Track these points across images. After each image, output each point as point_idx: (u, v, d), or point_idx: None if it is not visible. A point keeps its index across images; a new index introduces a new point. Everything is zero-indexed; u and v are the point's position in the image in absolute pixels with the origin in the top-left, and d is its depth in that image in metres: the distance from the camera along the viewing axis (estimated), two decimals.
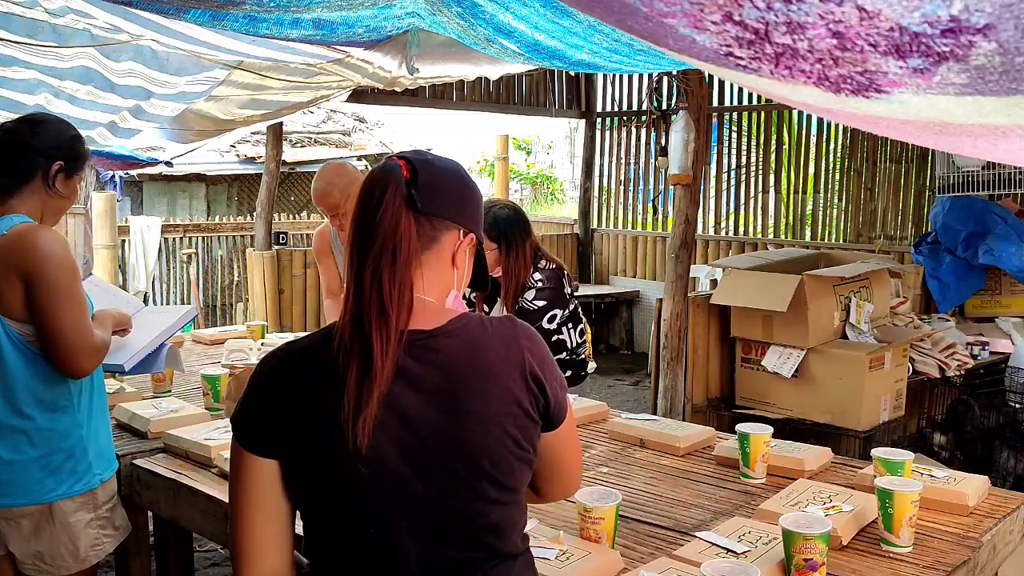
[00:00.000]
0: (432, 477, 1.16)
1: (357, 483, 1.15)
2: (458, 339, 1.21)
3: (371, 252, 1.16)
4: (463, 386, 1.17)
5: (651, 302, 7.13)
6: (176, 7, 2.53)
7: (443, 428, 1.16)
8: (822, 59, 0.88)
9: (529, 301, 3.12)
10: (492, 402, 1.18)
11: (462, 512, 1.18)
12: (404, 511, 1.16)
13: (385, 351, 1.13)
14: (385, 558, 1.18)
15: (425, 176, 1.21)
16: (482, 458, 1.17)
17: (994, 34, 0.73)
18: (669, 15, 0.93)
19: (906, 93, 0.90)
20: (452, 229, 1.25)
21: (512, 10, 2.50)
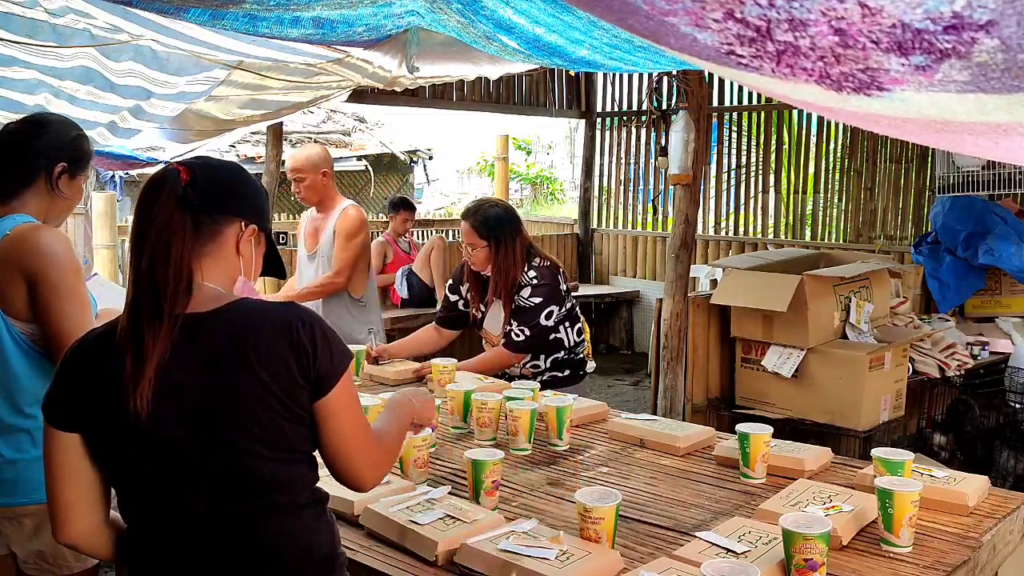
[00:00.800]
0: (208, 441, 1.31)
1: (143, 449, 1.32)
2: (230, 319, 1.35)
3: (146, 247, 1.32)
4: (232, 360, 1.31)
5: (651, 302, 7.13)
6: (176, 6, 2.52)
7: (214, 397, 1.31)
8: (824, 57, 0.88)
9: (525, 298, 3.11)
10: (260, 372, 1.31)
11: (238, 470, 1.33)
12: (186, 471, 1.32)
13: (157, 336, 1.30)
14: (176, 514, 1.35)
15: (202, 177, 1.37)
16: (251, 422, 1.31)
17: (996, 31, 0.73)
18: (670, 13, 0.93)
19: (908, 91, 0.89)
20: (233, 222, 1.41)
21: (512, 5, 2.50)
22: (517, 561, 1.53)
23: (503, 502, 1.93)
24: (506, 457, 2.11)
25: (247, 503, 1.35)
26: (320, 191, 3.77)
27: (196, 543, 1.35)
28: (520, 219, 3.23)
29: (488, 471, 1.88)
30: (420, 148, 13.64)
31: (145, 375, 1.28)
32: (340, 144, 12.59)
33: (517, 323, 3.10)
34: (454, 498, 1.85)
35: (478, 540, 1.62)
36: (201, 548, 1.35)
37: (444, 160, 18.26)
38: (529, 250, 3.19)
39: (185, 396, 1.31)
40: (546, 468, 2.20)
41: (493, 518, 1.74)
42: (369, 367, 3.15)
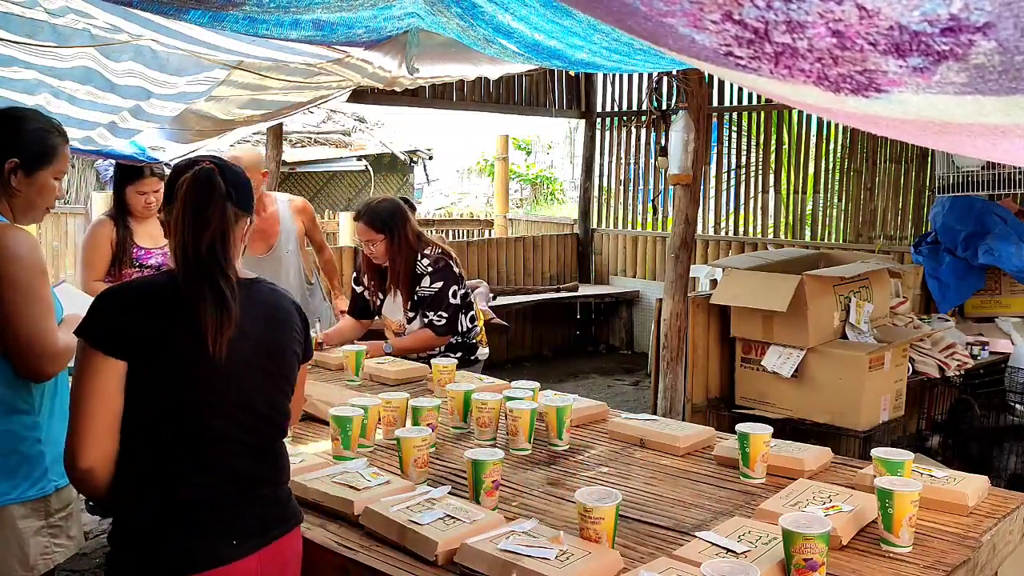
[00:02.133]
0: (261, 376, 1.66)
1: (210, 382, 1.58)
2: (265, 288, 1.73)
3: (208, 231, 1.59)
4: (279, 318, 1.72)
5: (651, 302, 7.13)
6: (176, 7, 2.53)
7: (270, 344, 1.68)
8: (822, 58, 0.88)
9: (428, 287, 3.39)
10: (293, 331, 1.74)
11: (275, 401, 1.69)
12: (240, 399, 1.62)
13: (234, 295, 1.59)
14: (221, 437, 1.60)
15: (231, 177, 1.66)
16: (288, 366, 1.72)
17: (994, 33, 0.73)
18: (668, 14, 0.93)
19: (906, 92, 0.90)
20: (244, 217, 1.70)
21: (511, 10, 2.50)
22: (517, 561, 1.53)
23: (503, 502, 1.93)
24: (506, 457, 2.11)
25: (268, 430, 1.68)
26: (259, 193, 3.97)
27: (233, 459, 1.62)
28: (406, 209, 3.50)
29: (488, 471, 1.89)
30: (420, 148, 13.64)
31: (227, 325, 1.56)
32: (340, 144, 12.59)
33: (432, 312, 3.38)
34: (454, 498, 1.85)
35: (478, 540, 1.62)
36: (237, 463, 1.62)
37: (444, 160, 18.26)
38: (419, 238, 3.47)
39: (250, 341, 1.62)
40: (546, 468, 2.21)
41: (493, 518, 1.75)
42: (369, 366, 3.16)
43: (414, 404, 2.38)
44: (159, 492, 1.56)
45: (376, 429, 2.40)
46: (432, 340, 3.43)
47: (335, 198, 13.32)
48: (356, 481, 1.93)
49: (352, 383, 3.06)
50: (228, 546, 1.56)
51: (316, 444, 2.40)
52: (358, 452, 2.25)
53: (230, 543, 1.57)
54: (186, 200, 1.61)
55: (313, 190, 13.06)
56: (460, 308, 3.45)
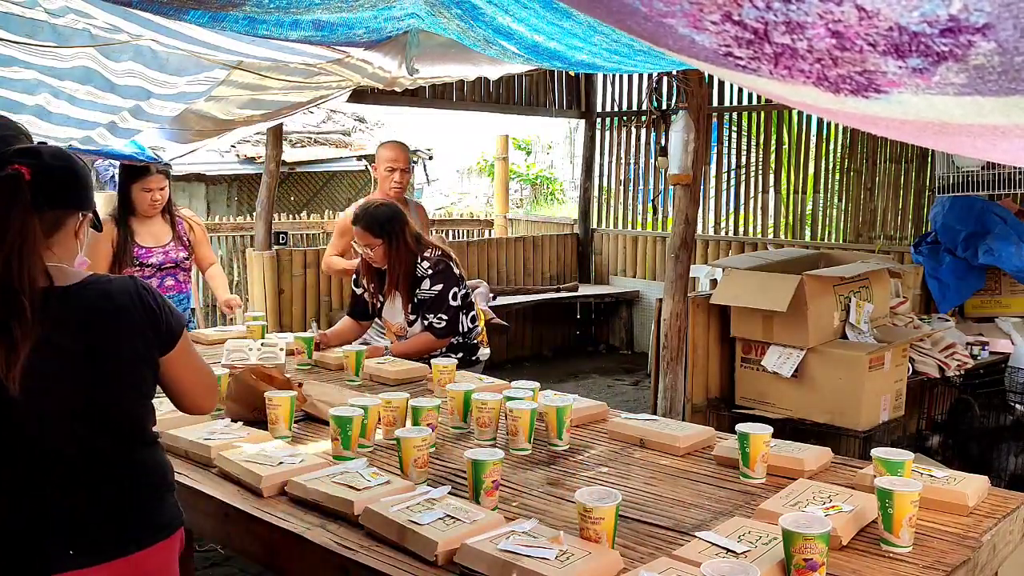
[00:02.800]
0: (87, 383, 1.58)
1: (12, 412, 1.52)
2: (94, 287, 1.62)
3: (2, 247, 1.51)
4: (101, 318, 1.59)
5: (651, 302, 7.13)
6: (176, 8, 2.53)
7: (93, 347, 1.57)
8: (821, 59, 0.88)
9: (427, 290, 3.39)
10: (124, 328, 1.61)
11: (111, 409, 1.61)
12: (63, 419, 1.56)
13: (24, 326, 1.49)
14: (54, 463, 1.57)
15: (43, 178, 1.56)
16: (123, 367, 1.61)
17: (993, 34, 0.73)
18: (668, 15, 0.93)
19: (905, 93, 0.90)
20: (72, 213, 1.65)
21: (511, 12, 2.51)
22: (517, 561, 1.53)
23: (503, 502, 1.93)
24: (506, 457, 2.11)
25: (120, 434, 1.64)
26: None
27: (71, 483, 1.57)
28: (404, 213, 3.53)
29: (488, 471, 1.89)
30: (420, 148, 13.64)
31: (18, 354, 1.48)
32: (340, 144, 12.59)
33: (433, 314, 3.38)
34: (454, 498, 1.85)
35: (478, 540, 1.62)
36: (75, 485, 1.58)
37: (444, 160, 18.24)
38: (419, 240, 3.48)
39: (65, 353, 1.56)
40: (546, 468, 2.21)
41: (493, 518, 1.75)
42: (369, 366, 3.16)
43: (414, 404, 2.38)
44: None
45: (376, 429, 2.40)
46: (432, 343, 3.42)
47: (335, 198, 13.32)
48: (356, 481, 1.93)
49: (352, 383, 3.06)
50: (64, 556, 1.53)
51: (316, 444, 2.40)
52: (358, 452, 2.25)
53: (66, 553, 1.54)
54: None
55: (313, 190, 13.07)
56: (461, 309, 3.46)
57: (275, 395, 2.43)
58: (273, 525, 1.84)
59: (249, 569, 3.67)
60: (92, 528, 1.57)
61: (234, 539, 2.02)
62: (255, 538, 1.91)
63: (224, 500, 1.99)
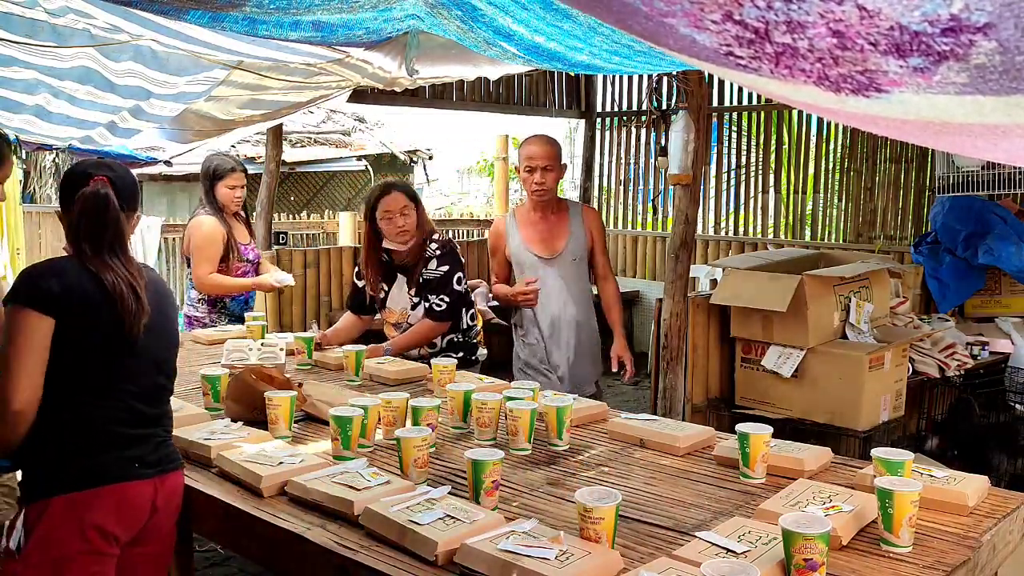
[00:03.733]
0: (161, 347, 2.07)
1: (125, 352, 1.96)
2: (151, 271, 2.16)
3: (106, 238, 1.97)
4: (165, 290, 2.17)
5: (651, 302, 7.12)
6: (176, 8, 2.52)
7: (163, 317, 2.08)
8: (822, 58, 0.88)
9: (434, 270, 3.42)
10: (171, 301, 2.19)
11: (173, 370, 2.13)
12: (145, 364, 2.02)
13: (141, 287, 1.99)
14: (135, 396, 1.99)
15: (120, 185, 2.03)
16: (175, 336, 2.17)
17: (994, 33, 0.73)
18: (669, 15, 0.93)
19: (906, 92, 0.90)
20: (132, 214, 2.09)
21: (512, 13, 2.50)
22: (517, 561, 1.53)
23: (503, 502, 1.93)
24: (506, 457, 2.11)
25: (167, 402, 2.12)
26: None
27: (146, 416, 2.01)
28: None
29: (488, 471, 1.88)
30: (420, 148, 13.64)
31: (143, 313, 1.97)
32: (340, 144, 12.59)
33: (435, 295, 3.39)
34: (454, 498, 1.85)
35: (478, 540, 1.62)
36: (148, 420, 2.02)
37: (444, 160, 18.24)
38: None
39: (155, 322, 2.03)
40: (546, 468, 2.21)
41: (493, 518, 1.75)
42: (369, 366, 3.15)
43: (414, 404, 2.38)
44: (72, 413, 1.89)
45: (376, 429, 2.40)
46: (431, 330, 3.41)
47: (335, 198, 13.33)
48: (356, 481, 1.93)
49: (352, 383, 3.06)
50: (132, 468, 1.93)
51: (316, 444, 2.40)
52: (358, 452, 2.25)
53: (134, 466, 1.94)
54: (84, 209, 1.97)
55: (313, 190, 13.07)
56: (462, 296, 3.46)
57: (275, 395, 2.43)
58: (273, 525, 1.84)
59: (249, 569, 3.67)
60: (158, 447, 2.03)
61: (234, 539, 2.02)
62: (255, 538, 1.91)
63: (224, 500, 1.99)
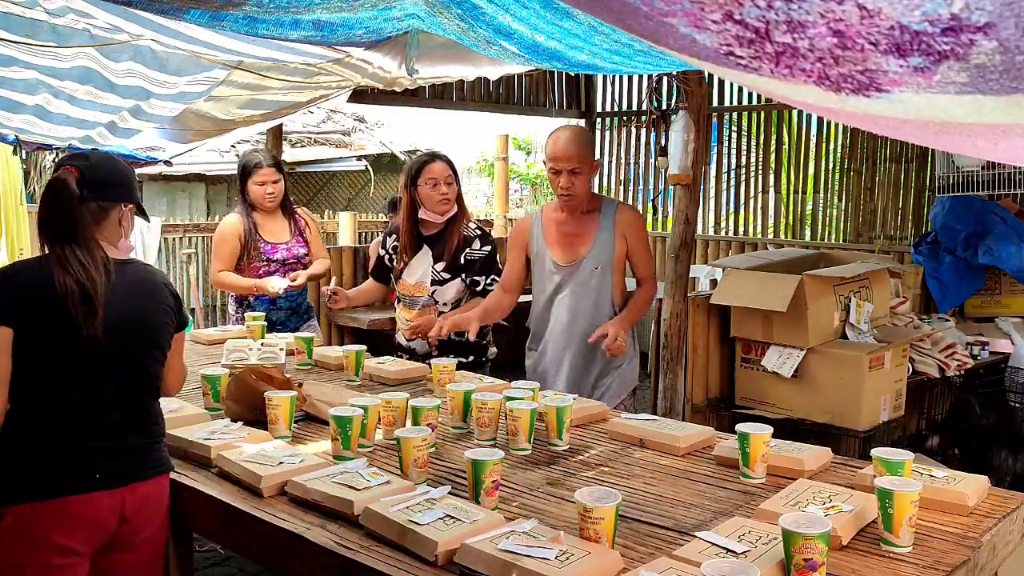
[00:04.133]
0: (131, 347, 2.00)
1: (83, 354, 1.92)
2: (137, 264, 2.11)
3: (61, 230, 1.91)
4: (146, 288, 2.05)
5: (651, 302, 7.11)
6: (176, 7, 2.53)
7: (139, 315, 2.02)
8: (823, 58, 0.88)
9: (477, 250, 3.43)
10: (158, 299, 2.07)
11: (148, 371, 2.05)
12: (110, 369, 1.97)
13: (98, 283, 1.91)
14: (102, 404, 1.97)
15: (90, 175, 1.96)
16: (156, 335, 2.06)
17: (995, 32, 0.73)
18: (669, 14, 0.93)
19: (906, 92, 0.90)
20: (114, 205, 2.03)
21: (512, 12, 2.51)
22: (517, 561, 1.53)
23: (503, 502, 1.93)
24: (506, 457, 2.11)
25: (147, 397, 2.06)
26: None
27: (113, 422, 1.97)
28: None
29: (488, 471, 1.88)
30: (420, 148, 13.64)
31: (95, 310, 1.90)
32: (340, 144, 12.59)
33: (485, 275, 3.39)
34: (454, 498, 1.85)
35: (478, 540, 1.62)
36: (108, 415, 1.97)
37: None
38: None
39: (119, 314, 1.95)
40: (546, 468, 2.20)
41: (493, 518, 1.75)
42: (369, 366, 3.15)
43: (414, 404, 2.38)
44: (31, 421, 1.90)
45: (376, 429, 2.40)
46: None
47: (335, 198, 13.33)
48: (356, 481, 1.93)
49: (352, 383, 3.06)
50: (91, 479, 1.90)
51: (316, 444, 2.40)
52: (358, 452, 2.25)
53: (93, 477, 1.91)
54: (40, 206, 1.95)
55: (313, 190, 13.07)
56: None
57: (275, 395, 2.42)
58: (273, 525, 1.84)
59: (249, 569, 3.67)
60: (112, 458, 1.95)
61: (234, 539, 2.02)
62: (255, 538, 1.91)
63: (224, 500, 1.99)
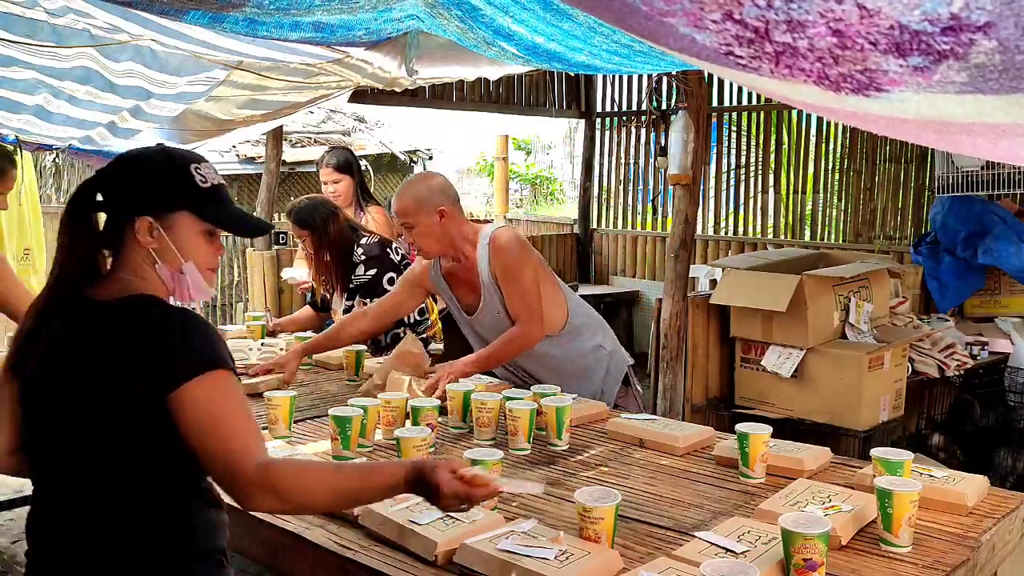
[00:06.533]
0: (77, 416, 1.40)
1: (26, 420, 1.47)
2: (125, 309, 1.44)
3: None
4: (108, 341, 1.40)
5: (651, 302, 7.11)
6: (176, 8, 2.52)
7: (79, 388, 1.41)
8: (822, 58, 0.88)
9: (361, 275, 3.51)
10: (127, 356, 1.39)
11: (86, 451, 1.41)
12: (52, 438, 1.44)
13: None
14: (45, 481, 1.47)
15: (105, 181, 1.51)
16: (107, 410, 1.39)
17: (994, 32, 0.73)
18: (669, 14, 0.93)
19: (906, 91, 0.90)
20: (126, 223, 1.49)
21: (511, 13, 2.50)
22: (517, 561, 1.53)
23: (503, 502, 1.93)
24: (506, 457, 2.11)
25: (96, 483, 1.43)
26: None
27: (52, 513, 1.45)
28: (327, 202, 3.64)
29: (488, 471, 1.88)
30: (420, 148, 13.64)
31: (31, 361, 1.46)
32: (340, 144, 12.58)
33: (369, 298, 3.41)
34: None
35: (478, 540, 1.62)
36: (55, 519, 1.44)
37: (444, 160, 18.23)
38: (355, 230, 3.60)
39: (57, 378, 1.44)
40: (546, 468, 2.20)
41: (493, 518, 1.75)
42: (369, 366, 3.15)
43: (414, 404, 2.38)
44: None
45: (376, 429, 2.40)
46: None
47: None
48: None
49: (352, 383, 3.06)
50: None
51: (316, 444, 2.40)
52: (358, 452, 2.25)
53: None
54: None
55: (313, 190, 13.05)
56: None
57: (275, 395, 2.43)
58: (273, 525, 1.84)
59: (249, 569, 3.67)
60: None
61: (234, 539, 2.02)
62: (255, 538, 1.91)
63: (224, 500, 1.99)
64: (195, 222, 1.52)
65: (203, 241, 1.54)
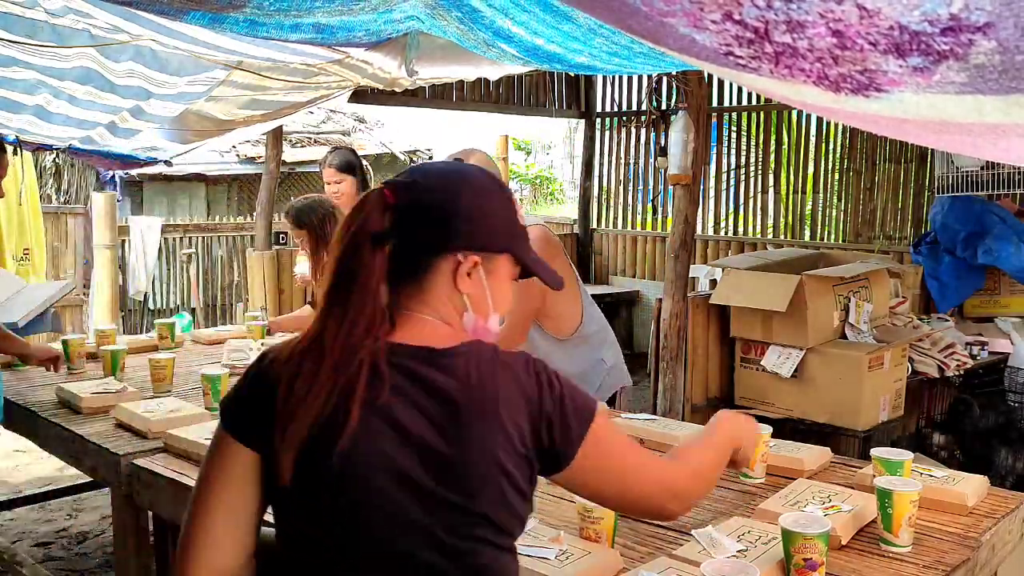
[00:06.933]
0: (426, 502, 1.09)
1: (337, 490, 1.10)
2: (464, 360, 1.13)
3: (330, 283, 1.15)
4: (465, 409, 1.10)
5: (651, 302, 7.12)
6: (176, 9, 2.52)
7: (440, 450, 1.09)
8: (822, 58, 0.88)
9: None
10: (495, 432, 1.10)
11: (449, 546, 1.10)
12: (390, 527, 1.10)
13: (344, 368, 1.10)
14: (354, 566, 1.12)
15: (408, 204, 1.18)
16: (482, 491, 1.10)
17: (994, 32, 0.73)
18: (669, 14, 0.93)
19: (906, 92, 0.90)
20: (442, 258, 1.18)
21: (511, 15, 2.50)
22: None
23: None
24: None
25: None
26: None
27: None
28: (325, 202, 3.64)
29: None
30: (420, 148, 13.65)
31: (353, 408, 1.09)
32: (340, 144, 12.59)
33: None
34: None
35: None
36: None
37: None
38: None
39: (407, 440, 1.09)
40: None
41: None
42: None
43: None
44: None
45: None
46: None
47: None
48: None
49: None
50: None
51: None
52: None
53: None
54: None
55: (313, 190, 13.06)
56: None
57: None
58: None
59: None
60: None
61: None
62: None
63: None
64: (512, 267, 1.25)
65: (509, 289, 1.26)
